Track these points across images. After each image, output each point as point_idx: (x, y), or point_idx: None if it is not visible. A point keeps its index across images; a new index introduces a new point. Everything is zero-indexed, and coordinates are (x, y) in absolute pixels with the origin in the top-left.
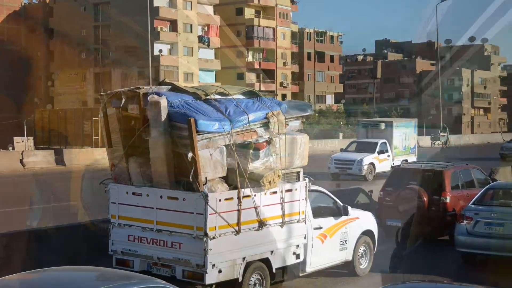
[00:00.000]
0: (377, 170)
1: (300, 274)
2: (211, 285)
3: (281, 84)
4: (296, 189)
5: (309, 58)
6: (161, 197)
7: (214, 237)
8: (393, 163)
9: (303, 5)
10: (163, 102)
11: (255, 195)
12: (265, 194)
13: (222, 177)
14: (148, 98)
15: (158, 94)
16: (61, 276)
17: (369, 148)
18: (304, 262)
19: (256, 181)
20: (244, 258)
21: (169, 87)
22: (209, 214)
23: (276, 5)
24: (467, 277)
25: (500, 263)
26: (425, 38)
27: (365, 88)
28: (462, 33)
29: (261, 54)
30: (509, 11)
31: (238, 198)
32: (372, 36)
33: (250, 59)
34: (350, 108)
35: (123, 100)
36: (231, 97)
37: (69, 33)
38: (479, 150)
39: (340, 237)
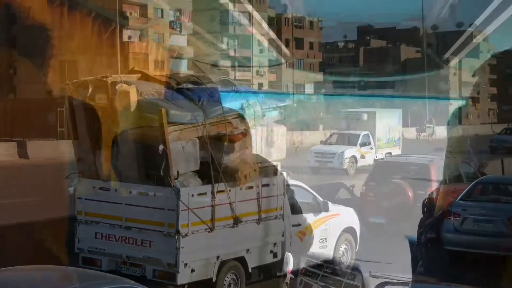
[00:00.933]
0: (359, 164)
1: (278, 274)
2: (183, 285)
3: (257, 72)
4: (273, 184)
5: (287, 45)
6: (130, 192)
7: (186, 235)
8: (376, 156)
9: None
10: (133, 92)
11: (230, 190)
12: (241, 189)
13: (195, 171)
14: (117, 87)
15: (127, 83)
16: (24, 276)
17: (351, 140)
18: (281, 261)
19: (231, 175)
20: (218, 257)
21: (139, 75)
22: (181, 210)
23: None
24: (455, 277)
25: (490, 262)
26: (410, 24)
27: (347, 77)
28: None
29: (236, 40)
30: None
31: (212, 193)
32: (354, 22)
33: (224, 46)
34: (331, 97)
35: (90, 90)
36: (204, 86)
37: (32, 18)
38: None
39: (320, 235)
